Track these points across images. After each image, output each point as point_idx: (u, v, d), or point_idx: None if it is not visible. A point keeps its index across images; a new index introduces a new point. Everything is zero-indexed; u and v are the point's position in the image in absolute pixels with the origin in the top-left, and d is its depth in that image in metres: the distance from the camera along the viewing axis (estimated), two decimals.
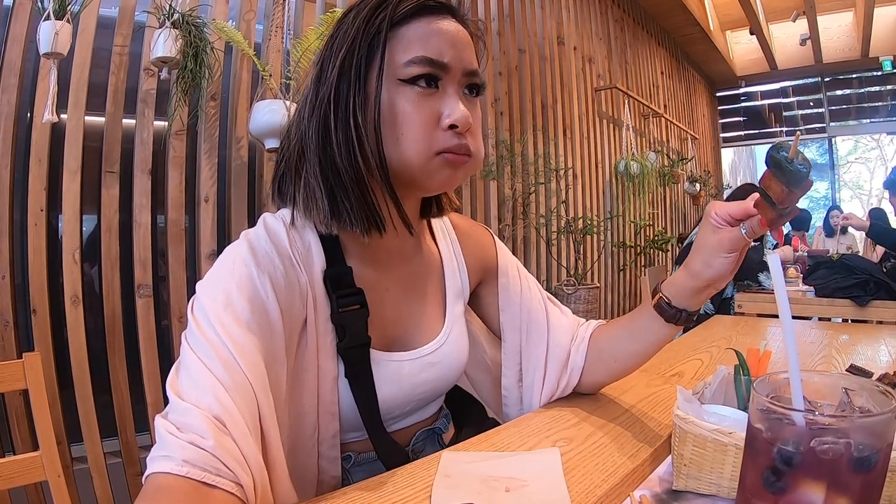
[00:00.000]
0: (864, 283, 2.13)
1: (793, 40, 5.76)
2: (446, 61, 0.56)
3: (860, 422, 0.35)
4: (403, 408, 0.66)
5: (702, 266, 0.60)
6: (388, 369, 0.63)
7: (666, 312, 0.65)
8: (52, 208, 1.49)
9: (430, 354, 0.67)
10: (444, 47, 0.56)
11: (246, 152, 1.83)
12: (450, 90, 0.57)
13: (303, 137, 0.58)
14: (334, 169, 0.56)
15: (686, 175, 5.16)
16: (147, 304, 1.61)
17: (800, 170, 0.47)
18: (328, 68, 0.57)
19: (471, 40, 0.60)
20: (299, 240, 0.59)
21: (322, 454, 0.60)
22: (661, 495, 0.52)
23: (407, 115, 0.55)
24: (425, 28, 0.57)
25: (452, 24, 0.58)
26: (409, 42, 0.56)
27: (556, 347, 0.75)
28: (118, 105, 1.59)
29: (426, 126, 0.56)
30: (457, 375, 0.72)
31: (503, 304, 0.77)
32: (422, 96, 0.56)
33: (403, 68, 0.55)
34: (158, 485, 0.40)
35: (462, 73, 0.58)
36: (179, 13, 1.55)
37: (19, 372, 0.83)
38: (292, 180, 0.59)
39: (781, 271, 0.40)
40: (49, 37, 1.32)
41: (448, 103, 0.57)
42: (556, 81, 3.36)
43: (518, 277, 0.78)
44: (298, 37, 1.86)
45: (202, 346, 0.46)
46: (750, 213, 0.55)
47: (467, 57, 0.58)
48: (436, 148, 0.55)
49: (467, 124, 0.57)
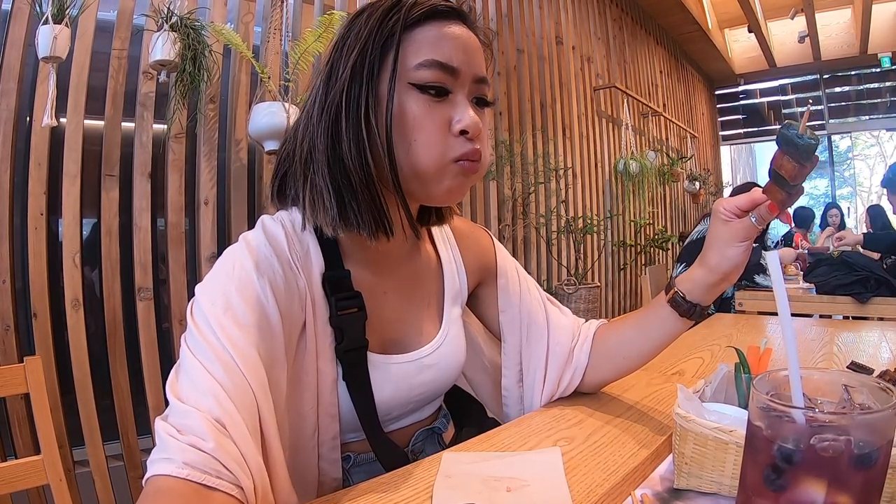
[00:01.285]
0: (864, 279, 2.13)
1: (791, 38, 5.76)
2: (456, 66, 0.56)
3: (860, 419, 0.34)
4: (401, 409, 0.66)
5: (718, 258, 0.62)
6: (385, 371, 0.63)
7: (681, 307, 0.66)
8: (52, 212, 1.49)
9: (428, 356, 0.67)
10: (455, 52, 0.56)
11: (245, 155, 1.83)
12: (459, 96, 0.57)
13: (312, 138, 0.57)
14: (343, 171, 0.56)
15: (686, 173, 5.16)
16: (148, 307, 1.61)
17: (810, 143, 0.49)
18: (339, 69, 0.57)
19: (480, 47, 0.61)
20: (298, 243, 0.59)
21: (322, 456, 0.60)
22: (663, 494, 0.52)
23: (419, 121, 0.55)
24: (437, 32, 0.57)
25: (463, 29, 0.59)
26: (420, 45, 0.56)
27: (556, 346, 0.75)
28: (117, 108, 1.59)
29: (439, 132, 0.56)
30: (454, 377, 0.72)
31: (503, 305, 0.77)
32: (432, 102, 0.56)
33: (414, 71, 0.55)
34: (158, 487, 0.40)
35: (472, 79, 0.58)
36: (177, 16, 1.55)
37: (20, 376, 0.83)
38: (298, 181, 0.59)
39: (780, 269, 0.40)
40: (48, 41, 1.32)
41: (458, 109, 0.57)
42: (554, 81, 3.36)
43: (517, 278, 0.78)
44: (297, 39, 1.86)
45: (202, 349, 0.46)
46: (757, 202, 0.57)
47: (477, 63, 0.59)
48: (451, 155, 0.56)
49: (478, 130, 0.57)
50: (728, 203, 0.60)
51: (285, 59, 1.85)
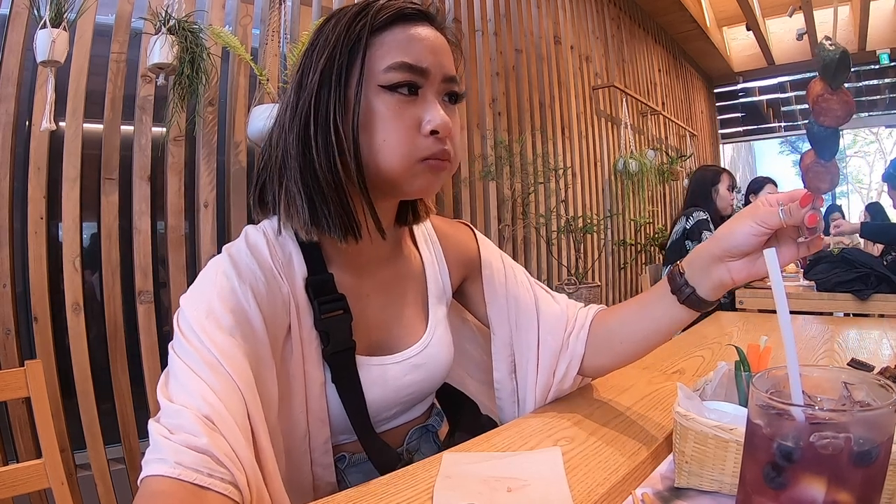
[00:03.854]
0: (864, 276, 2.13)
1: (789, 35, 5.75)
2: (425, 66, 0.57)
3: (859, 416, 0.34)
4: (391, 409, 0.67)
5: (726, 231, 0.56)
6: (373, 373, 0.63)
7: (675, 282, 0.62)
8: (51, 216, 1.49)
9: (415, 357, 0.68)
10: (423, 53, 0.57)
11: (244, 157, 1.83)
12: (429, 96, 0.58)
13: (284, 145, 0.59)
14: (314, 175, 0.57)
15: (685, 172, 5.15)
16: (148, 311, 1.61)
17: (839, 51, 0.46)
18: (308, 75, 0.58)
19: (448, 47, 0.61)
20: (280, 250, 0.60)
21: (315, 461, 0.60)
22: (664, 493, 0.52)
23: (388, 122, 0.56)
24: (404, 34, 0.57)
25: (430, 30, 0.59)
26: (388, 48, 0.57)
27: (547, 336, 0.74)
28: (116, 112, 1.59)
29: (408, 132, 0.56)
30: (442, 376, 0.72)
31: (489, 297, 0.77)
32: (402, 103, 0.57)
33: (383, 74, 0.56)
34: (153, 489, 0.40)
35: (441, 78, 0.59)
36: (175, 19, 1.55)
37: (21, 380, 0.83)
38: (274, 187, 0.60)
39: (778, 266, 0.40)
40: (46, 45, 1.32)
41: (428, 109, 0.57)
42: (553, 81, 3.36)
43: (503, 268, 0.78)
44: (295, 41, 1.86)
45: (188, 353, 0.48)
46: (794, 198, 0.52)
47: (446, 63, 0.59)
48: (419, 155, 0.56)
49: (448, 130, 0.57)
50: (769, 197, 0.54)
51: (284, 62, 1.85)
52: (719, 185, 2.77)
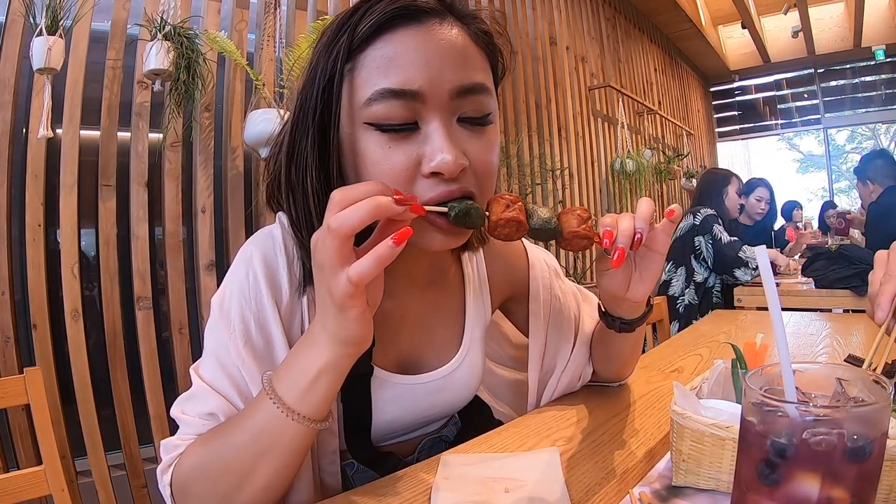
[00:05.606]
0: (862, 272, 2.13)
1: (785, 33, 5.77)
2: (416, 88, 0.44)
3: (853, 412, 0.35)
4: (406, 427, 0.66)
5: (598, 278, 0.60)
6: (394, 392, 0.62)
7: (605, 321, 0.64)
8: (49, 223, 1.49)
9: (440, 379, 0.65)
10: (413, 69, 0.44)
11: (241, 162, 1.83)
12: (433, 123, 0.45)
13: (285, 169, 0.53)
14: (308, 213, 0.52)
15: (682, 171, 5.16)
16: (147, 317, 1.61)
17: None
18: (295, 108, 0.51)
19: (465, 43, 0.48)
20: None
21: (322, 468, 0.60)
22: (661, 491, 0.52)
23: (377, 166, 0.45)
24: (389, 49, 0.45)
25: (430, 31, 0.46)
26: (368, 72, 0.45)
27: (577, 356, 0.74)
28: (113, 119, 1.59)
29: (400, 178, 0.45)
30: (466, 399, 0.70)
31: (533, 330, 0.72)
32: (393, 140, 0.45)
33: (366, 108, 0.45)
34: None
35: (450, 94, 0.46)
36: (171, 25, 1.55)
37: (21, 387, 0.83)
38: (281, 195, 0.57)
39: (769, 263, 0.40)
40: (42, 52, 1.33)
41: (430, 143, 0.45)
42: (549, 81, 3.37)
43: (550, 300, 0.73)
44: (291, 45, 1.86)
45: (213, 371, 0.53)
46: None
47: (457, 71, 0.46)
48: None
49: (455, 169, 0.45)
50: None
51: (279, 66, 1.86)
52: (729, 188, 2.77)
